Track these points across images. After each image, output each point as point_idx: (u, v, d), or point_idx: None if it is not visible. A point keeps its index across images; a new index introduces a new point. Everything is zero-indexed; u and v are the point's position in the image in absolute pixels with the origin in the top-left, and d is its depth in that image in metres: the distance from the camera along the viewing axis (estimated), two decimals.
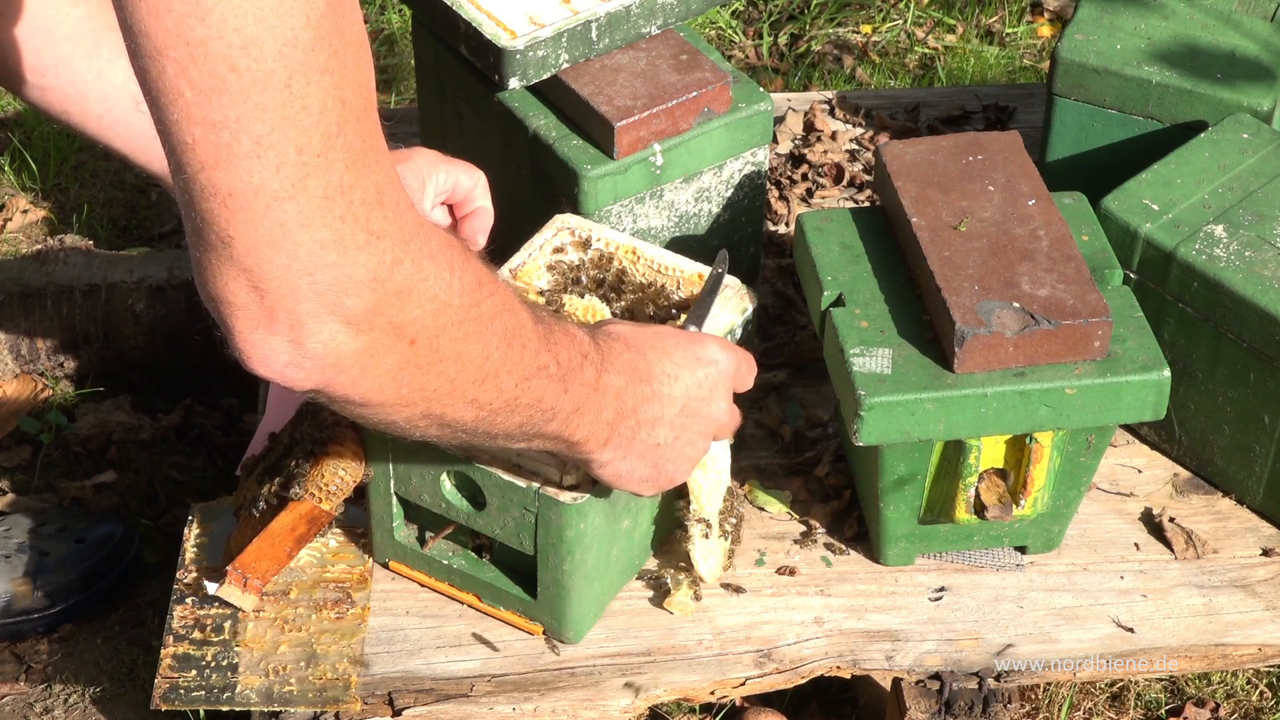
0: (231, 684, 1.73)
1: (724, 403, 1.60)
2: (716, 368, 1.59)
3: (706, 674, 1.78)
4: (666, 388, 1.54)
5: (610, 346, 1.50)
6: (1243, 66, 2.07)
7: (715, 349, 1.60)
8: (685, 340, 1.58)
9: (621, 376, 1.50)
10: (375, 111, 1.19)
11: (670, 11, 2.03)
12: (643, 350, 1.54)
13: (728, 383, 1.61)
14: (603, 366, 1.47)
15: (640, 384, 1.52)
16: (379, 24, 3.18)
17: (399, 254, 1.20)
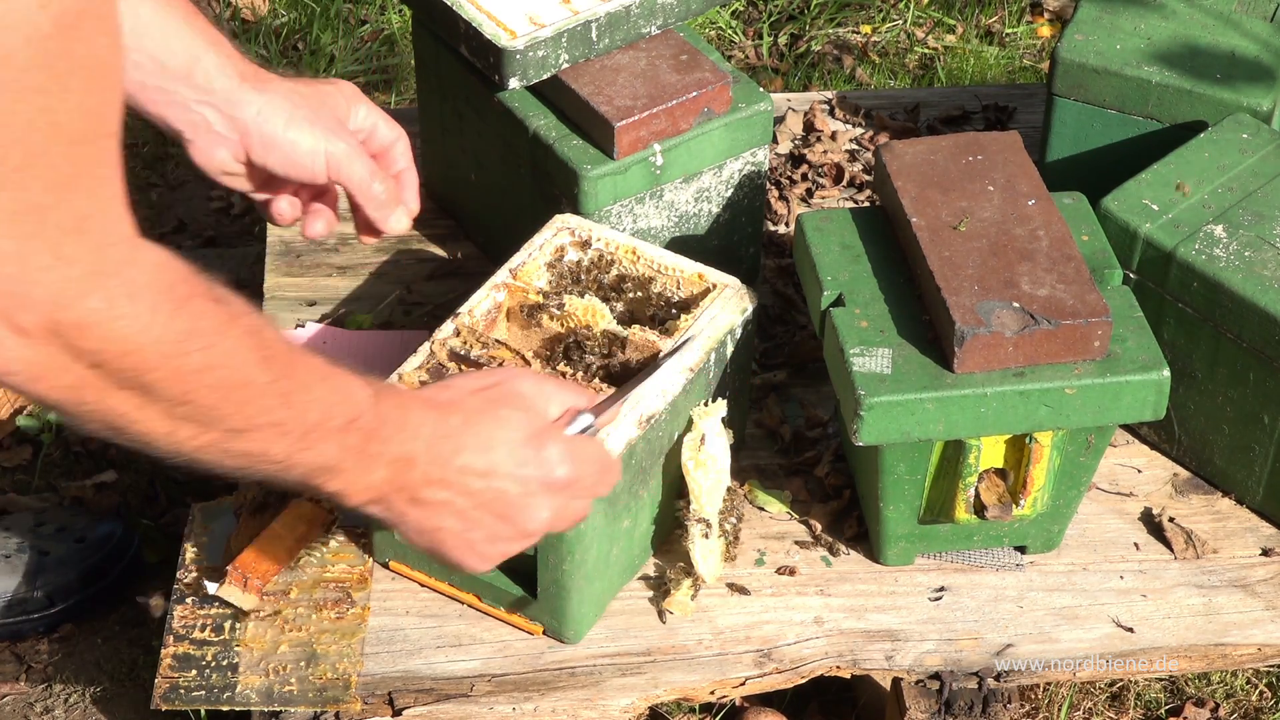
0: (232, 684, 1.73)
1: (545, 512, 1.49)
2: (547, 476, 1.48)
3: (706, 674, 1.78)
4: (468, 480, 1.46)
5: (406, 419, 1.43)
6: (1242, 66, 2.07)
7: (559, 458, 1.48)
8: (523, 440, 1.48)
9: (406, 450, 1.43)
10: (109, 140, 1.16)
11: (670, 11, 2.03)
12: (455, 437, 1.46)
13: (562, 494, 1.50)
14: (377, 436, 1.40)
15: (432, 465, 1.45)
16: (379, 24, 3.18)
17: (90, 286, 1.17)
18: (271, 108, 1.67)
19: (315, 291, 2.20)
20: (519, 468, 1.47)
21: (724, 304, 1.83)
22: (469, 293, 1.85)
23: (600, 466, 1.53)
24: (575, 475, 1.50)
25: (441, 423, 1.45)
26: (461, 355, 1.77)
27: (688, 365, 1.77)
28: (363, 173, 1.71)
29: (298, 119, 1.68)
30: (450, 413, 1.46)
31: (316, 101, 1.70)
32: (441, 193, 2.30)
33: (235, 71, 1.65)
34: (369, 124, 1.75)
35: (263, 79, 1.68)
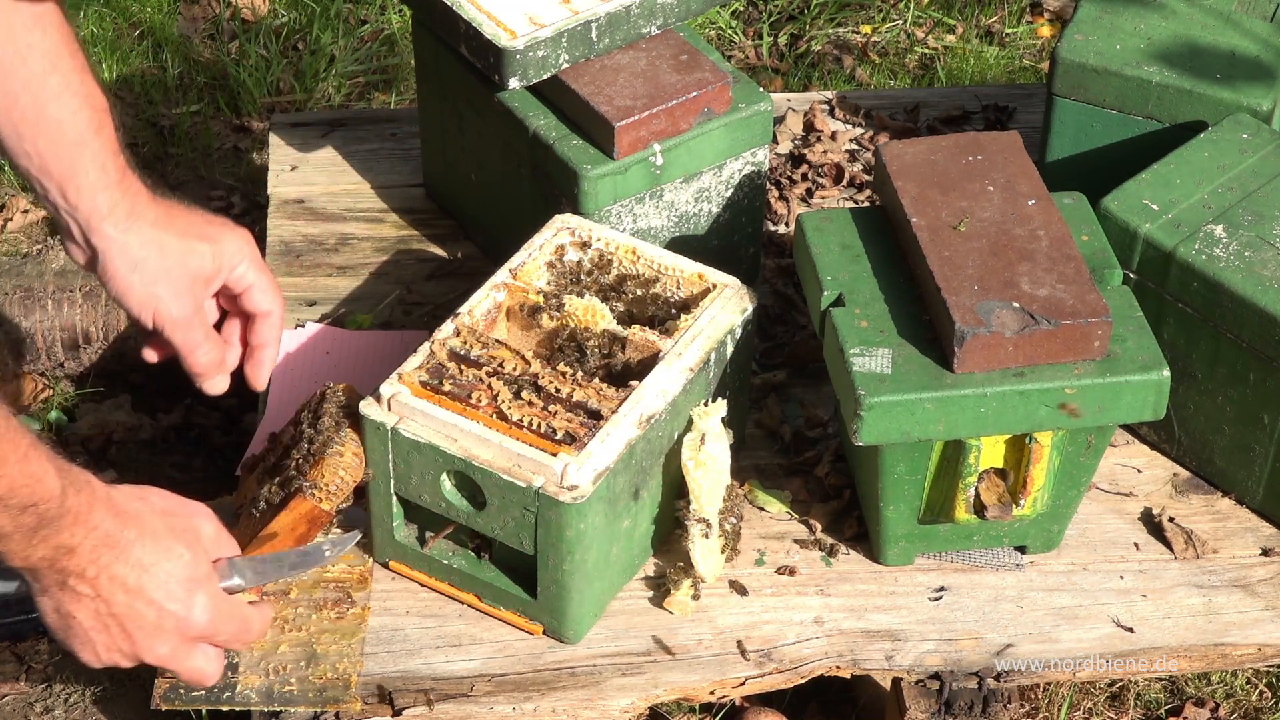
0: (232, 684, 1.73)
1: (165, 649, 1.55)
2: (184, 619, 1.54)
3: (706, 674, 1.78)
4: (115, 590, 1.52)
5: (86, 516, 1.48)
6: (1243, 66, 2.07)
7: (202, 608, 1.55)
8: (180, 579, 1.54)
9: (73, 540, 1.48)
10: None
11: (670, 11, 2.03)
12: (122, 548, 1.51)
13: (189, 641, 1.57)
14: (52, 524, 1.46)
15: (89, 564, 1.50)
16: (379, 24, 3.18)
17: None
18: (122, 250, 1.72)
19: (315, 291, 2.20)
20: (165, 600, 1.54)
21: (724, 304, 1.83)
22: (469, 293, 1.85)
23: (239, 629, 1.60)
24: (211, 631, 1.57)
25: (116, 531, 1.51)
26: (461, 355, 1.77)
27: (688, 365, 1.77)
28: (185, 341, 1.77)
29: (146, 269, 1.73)
30: (128, 525, 1.52)
31: (176, 257, 1.74)
32: (441, 193, 2.30)
33: (105, 201, 1.70)
34: (243, 285, 1.80)
35: (134, 213, 1.71)
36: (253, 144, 2.93)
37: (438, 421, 1.71)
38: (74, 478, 1.48)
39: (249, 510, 1.79)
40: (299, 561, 1.68)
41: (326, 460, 1.74)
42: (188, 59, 3.09)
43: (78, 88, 1.67)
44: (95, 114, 1.68)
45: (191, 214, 1.79)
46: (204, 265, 1.77)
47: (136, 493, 1.57)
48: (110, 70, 3.03)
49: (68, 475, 1.47)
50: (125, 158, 1.72)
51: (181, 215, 1.77)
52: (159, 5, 3.18)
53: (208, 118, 2.98)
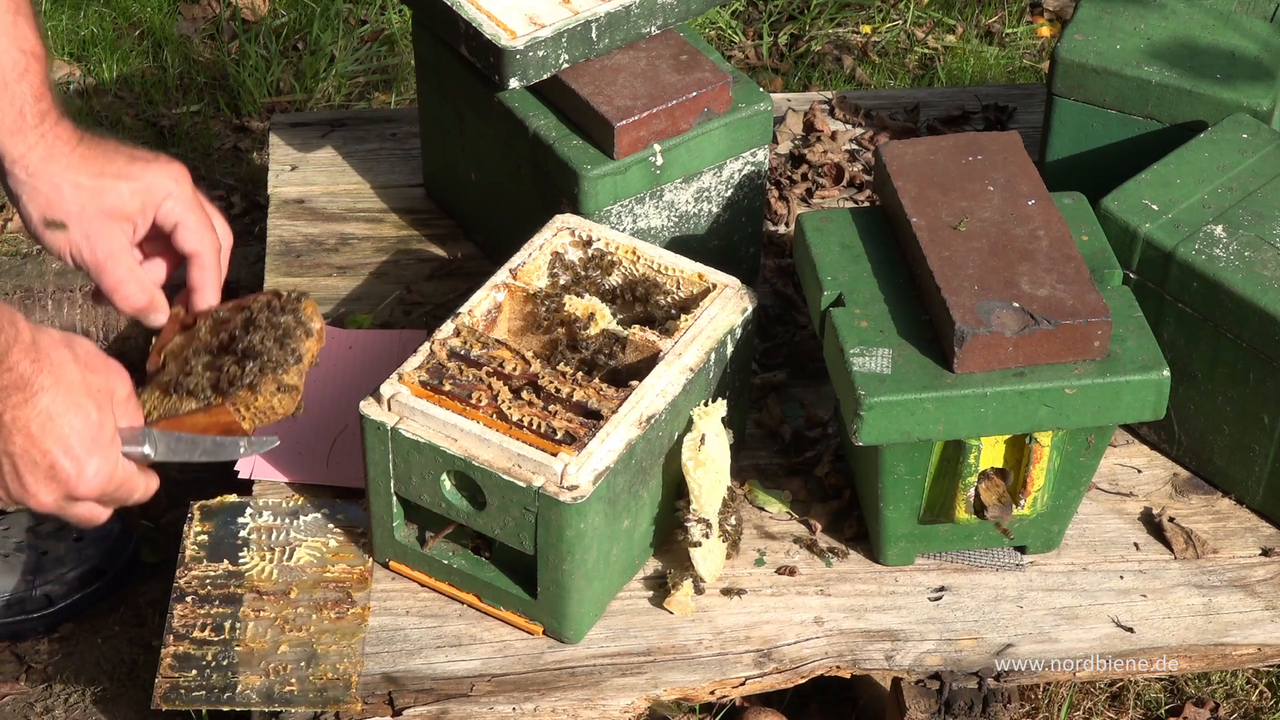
0: (232, 684, 1.73)
1: (49, 499, 1.54)
2: (73, 480, 1.53)
3: (706, 674, 1.78)
4: (14, 432, 1.51)
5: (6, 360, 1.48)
6: (1243, 66, 2.07)
7: (94, 473, 1.54)
8: (81, 438, 1.53)
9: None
10: None
11: (670, 11, 2.03)
12: (32, 392, 1.50)
13: (74, 498, 1.55)
14: None
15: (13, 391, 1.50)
16: (379, 24, 3.19)
17: None
18: (32, 195, 1.68)
19: (315, 291, 2.20)
20: (60, 455, 1.52)
21: (724, 304, 1.83)
22: (469, 293, 1.86)
23: (124, 496, 1.58)
24: (97, 494, 1.55)
25: (30, 375, 1.49)
26: (461, 355, 1.77)
27: (688, 365, 1.77)
28: (106, 283, 1.71)
29: (57, 211, 1.68)
30: (44, 371, 1.50)
31: (90, 195, 1.69)
32: (441, 193, 2.30)
33: (19, 145, 1.66)
34: (169, 223, 1.74)
35: (50, 157, 1.67)
36: (253, 144, 2.93)
37: (438, 421, 1.71)
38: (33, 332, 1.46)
39: (173, 382, 1.73)
40: (212, 450, 1.65)
41: (264, 385, 1.70)
42: (188, 59, 3.09)
43: (7, 29, 1.64)
44: (22, 57, 1.65)
45: (117, 153, 1.73)
46: (121, 203, 1.70)
47: (63, 339, 1.55)
48: (110, 70, 3.03)
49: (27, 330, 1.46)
50: (53, 104, 1.68)
51: (102, 155, 1.71)
52: (159, 5, 3.18)
53: (208, 118, 2.98)
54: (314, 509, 1.91)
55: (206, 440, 1.65)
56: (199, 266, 1.75)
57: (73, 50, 3.09)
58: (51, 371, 1.51)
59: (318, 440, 1.98)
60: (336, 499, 1.92)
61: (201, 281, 1.76)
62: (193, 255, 1.75)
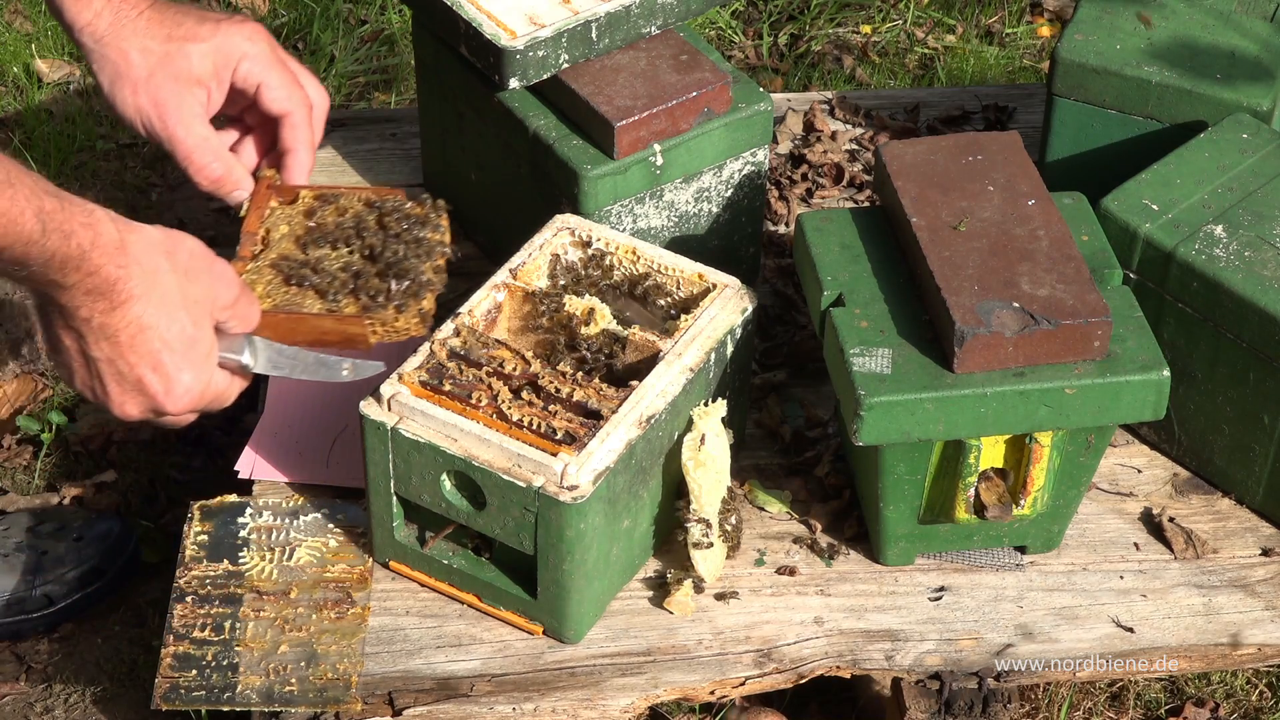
0: (232, 684, 1.73)
1: (135, 412, 1.50)
2: (161, 396, 1.48)
3: (706, 674, 1.78)
4: (93, 334, 1.44)
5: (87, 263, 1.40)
6: (1243, 66, 2.07)
7: (186, 387, 1.48)
8: (176, 347, 1.46)
9: (67, 281, 1.40)
10: None
11: (670, 11, 2.03)
12: (117, 297, 1.43)
13: (164, 412, 1.51)
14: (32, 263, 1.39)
15: (80, 306, 1.43)
16: (379, 24, 3.19)
17: None
18: (101, 62, 1.61)
19: None
20: (147, 371, 1.46)
21: (724, 304, 1.83)
22: (469, 293, 1.86)
23: (218, 404, 1.52)
24: (187, 408, 1.49)
25: (119, 279, 1.42)
26: (461, 355, 1.77)
27: (688, 365, 1.77)
28: (180, 152, 1.63)
29: (127, 78, 1.61)
30: (135, 277, 1.42)
31: (159, 61, 1.61)
32: (441, 193, 2.29)
33: (89, 13, 1.59)
34: (250, 84, 1.64)
35: (118, 22, 1.60)
36: None
37: (438, 421, 1.71)
38: (69, 216, 1.39)
39: (296, 272, 1.64)
40: (313, 368, 1.58)
41: (410, 307, 1.66)
42: None
43: None
44: None
45: (186, 15, 1.65)
46: (190, 67, 1.62)
47: (161, 242, 1.46)
48: None
49: (59, 214, 1.38)
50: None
51: (171, 19, 1.64)
52: None
53: None
54: (314, 509, 1.91)
55: (309, 357, 1.57)
56: (289, 126, 1.66)
57: (73, 50, 3.09)
58: (144, 277, 1.43)
59: (318, 440, 1.98)
60: (336, 499, 1.92)
61: (294, 141, 1.67)
62: (281, 115, 1.66)
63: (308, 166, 1.69)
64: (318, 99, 1.71)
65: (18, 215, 1.36)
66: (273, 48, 1.66)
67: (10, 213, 1.35)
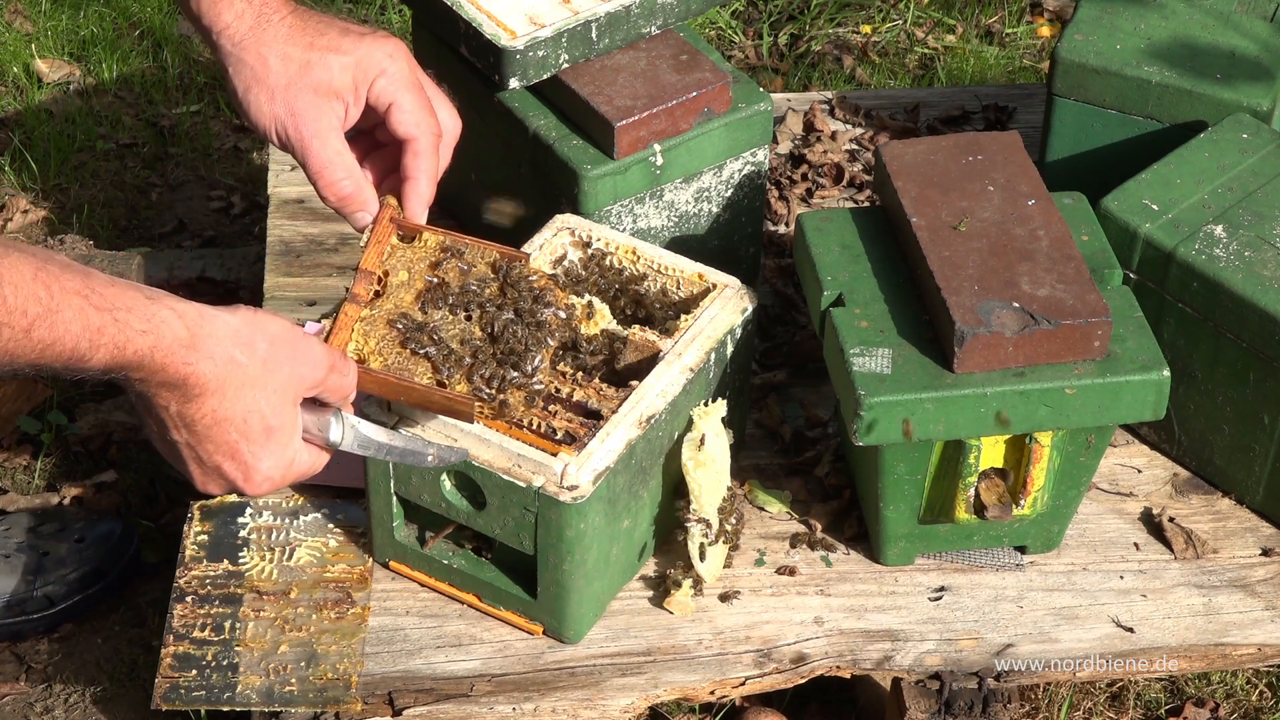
0: (232, 684, 1.73)
1: (217, 490, 1.49)
2: (244, 476, 1.47)
3: (706, 674, 1.78)
4: (172, 419, 1.44)
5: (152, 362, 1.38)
6: (1243, 66, 2.07)
7: (267, 471, 1.47)
8: (255, 435, 1.45)
9: (137, 375, 1.39)
10: None
11: (670, 11, 2.03)
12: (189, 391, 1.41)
13: (241, 485, 1.50)
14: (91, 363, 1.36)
15: (156, 393, 1.42)
16: (379, 24, 3.19)
17: None
18: (238, 66, 1.59)
19: (315, 291, 2.20)
20: (225, 460, 1.46)
21: (724, 304, 1.83)
22: None
23: (300, 477, 1.52)
24: (267, 490, 1.49)
25: (189, 376, 1.40)
26: None
27: (688, 365, 1.77)
28: (311, 164, 1.60)
29: (263, 84, 1.58)
30: (207, 374, 1.40)
31: (298, 69, 1.59)
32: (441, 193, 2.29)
33: (231, 14, 1.58)
34: (383, 103, 1.62)
35: (259, 26, 1.58)
36: (253, 144, 2.93)
37: (438, 421, 1.71)
38: (121, 329, 1.36)
39: (412, 335, 1.60)
40: (399, 455, 1.57)
41: (516, 399, 1.66)
42: (188, 59, 3.09)
43: None
44: None
45: (330, 26, 1.62)
46: (331, 79, 1.59)
47: (241, 335, 1.43)
48: (110, 70, 3.03)
49: (110, 329, 1.35)
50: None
51: (314, 27, 1.60)
52: (159, 5, 3.18)
53: (208, 118, 2.98)
54: (314, 509, 1.91)
55: (398, 446, 1.56)
56: (413, 152, 1.63)
57: (73, 50, 3.09)
58: (217, 372, 1.41)
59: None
60: (336, 499, 1.92)
61: (415, 170, 1.64)
62: (408, 140, 1.63)
63: (427, 198, 1.66)
64: (449, 125, 1.68)
65: (57, 339, 1.33)
66: (412, 68, 1.63)
67: (48, 339, 1.33)
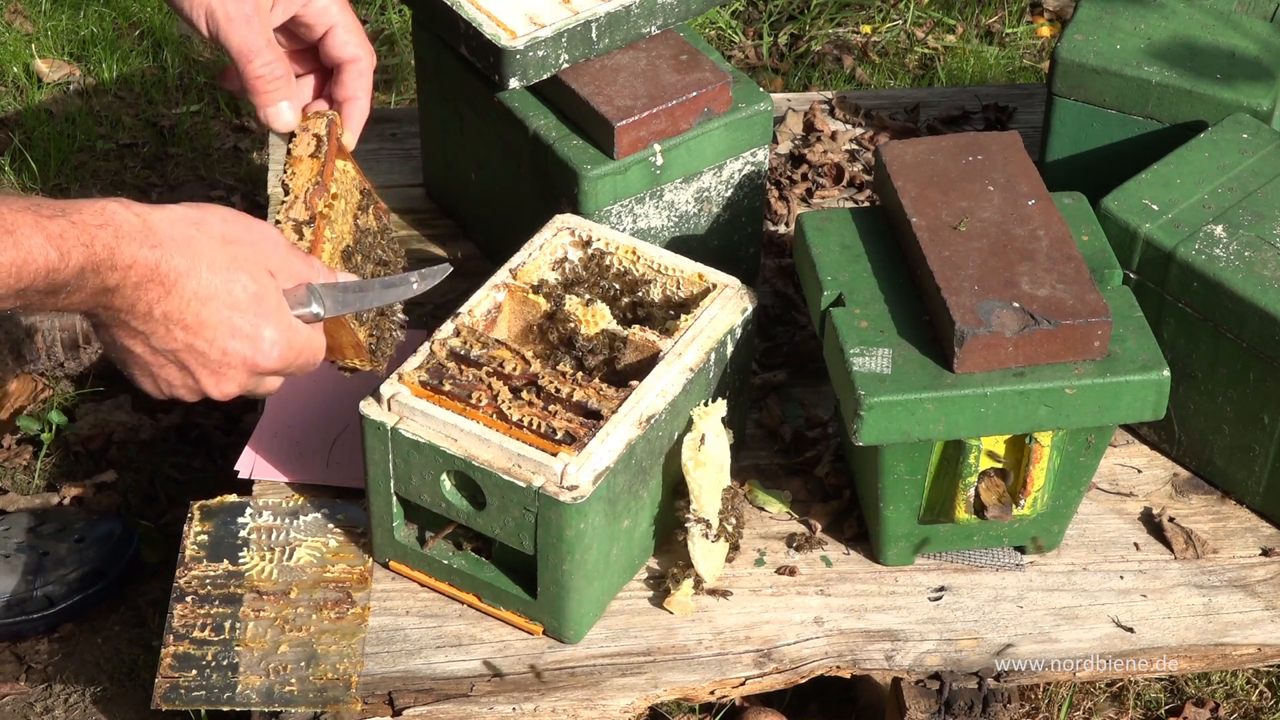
0: (232, 684, 1.73)
1: (233, 387, 1.46)
2: (253, 356, 1.44)
3: (706, 674, 1.78)
4: (171, 327, 1.41)
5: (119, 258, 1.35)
6: (1243, 66, 2.07)
7: (271, 342, 1.44)
8: (246, 309, 1.42)
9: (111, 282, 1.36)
10: None
11: (670, 11, 2.03)
12: (175, 280, 1.38)
13: (259, 375, 1.48)
14: (67, 285, 1.35)
15: (136, 301, 1.39)
16: (379, 24, 3.18)
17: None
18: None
19: None
20: (228, 338, 1.43)
21: (724, 304, 1.83)
22: (469, 293, 1.86)
23: (309, 360, 1.49)
24: (280, 366, 1.46)
25: (159, 263, 1.38)
26: (461, 355, 1.77)
27: (688, 365, 1.77)
28: (241, 43, 1.55)
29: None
30: (174, 254, 1.38)
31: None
32: (441, 193, 2.30)
33: None
34: (323, 22, 1.59)
35: None
36: (253, 144, 2.93)
37: (438, 421, 1.71)
38: (80, 229, 1.34)
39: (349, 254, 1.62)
40: (382, 294, 1.55)
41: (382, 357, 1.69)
42: (188, 59, 3.09)
43: None
44: None
45: None
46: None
47: (190, 217, 1.42)
48: (110, 70, 3.03)
49: (71, 232, 1.33)
50: None
51: None
52: (159, 5, 3.18)
53: (208, 118, 2.98)
54: (314, 509, 1.91)
55: (374, 284, 1.54)
56: (357, 73, 1.62)
57: (73, 50, 3.09)
58: (182, 252, 1.39)
59: (318, 440, 1.98)
60: (336, 499, 1.92)
61: (358, 89, 1.63)
62: (348, 62, 1.61)
63: (365, 118, 1.65)
64: (371, 54, 1.68)
65: (25, 257, 1.32)
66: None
67: (18, 259, 1.32)
